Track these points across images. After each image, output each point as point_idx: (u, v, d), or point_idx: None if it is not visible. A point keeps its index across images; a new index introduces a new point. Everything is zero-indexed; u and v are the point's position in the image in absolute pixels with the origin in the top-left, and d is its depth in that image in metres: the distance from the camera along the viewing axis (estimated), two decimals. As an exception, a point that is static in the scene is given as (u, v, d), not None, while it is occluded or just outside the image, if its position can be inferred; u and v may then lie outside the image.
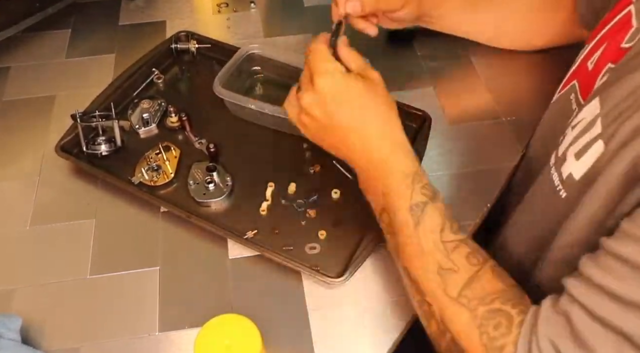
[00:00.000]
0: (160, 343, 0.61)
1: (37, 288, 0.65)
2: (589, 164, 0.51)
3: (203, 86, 0.86)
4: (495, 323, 0.49)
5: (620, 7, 0.59)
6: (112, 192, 0.73)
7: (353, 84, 0.60)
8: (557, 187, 0.56)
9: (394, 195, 0.57)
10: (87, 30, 0.97)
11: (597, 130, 0.51)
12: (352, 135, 0.60)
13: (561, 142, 0.57)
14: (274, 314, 0.63)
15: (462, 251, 0.54)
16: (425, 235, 0.55)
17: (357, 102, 0.60)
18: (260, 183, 0.73)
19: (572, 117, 0.58)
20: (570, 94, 0.63)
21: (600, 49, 0.59)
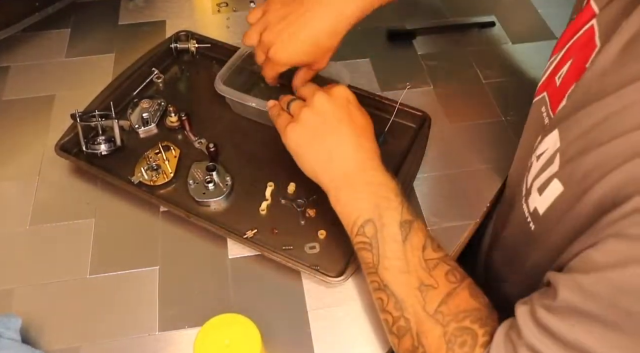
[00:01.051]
0: (160, 343, 0.61)
1: (37, 288, 0.65)
2: (549, 201, 0.52)
3: (203, 86, 0.86)
4: (462, 341, 0.51)
5: (585, 18, 0.57)
6: (112, 192, 0.73)
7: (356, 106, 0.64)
8: (527, 218, 0.57)
9: (387, 208, 0.57)
10: (86, 30, 0.97)
11: (555, 167, 0.51)
12: (353, 139, 0.60)
13: (529, 170, 0.58)
14: (273, 314, 0.63)
15: (442, 269, 0.55)
16: (411, 251, 0.55)
17: (364, 116, 0.63)
18: (260, 182, 0.73)
19: (538, 143, 0.57)
20: (542, 105, 0.62)
21: (567, 64, 0.58)
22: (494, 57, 0.93)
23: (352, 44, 0.96)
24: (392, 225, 0.56)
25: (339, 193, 0.60)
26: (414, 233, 0.56)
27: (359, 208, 0.58)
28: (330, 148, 0.61)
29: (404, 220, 0.56)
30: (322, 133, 0.61)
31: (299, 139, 0.62)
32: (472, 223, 0.71)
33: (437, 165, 0.77)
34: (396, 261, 0.55)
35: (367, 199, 0.58)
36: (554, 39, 0.96)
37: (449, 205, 0.73)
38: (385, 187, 0.58)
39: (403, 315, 0.54)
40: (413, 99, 0.83)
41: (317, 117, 0.61)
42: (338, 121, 0.61)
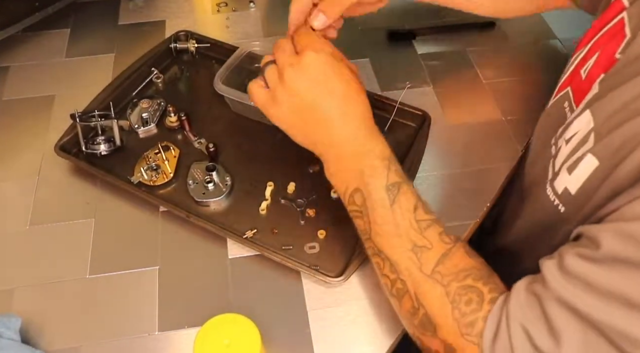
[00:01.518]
0: (160, 343, 0.61)
1: (36, 288, 0.65)
2: (582, 178, 0.51)
3: (202, 86, 0.86)
4: (467, 299, 0.51)
5: (612, 12, 0.58)
6: (112, 192, 0.73)
7: (342, 67, 0.61)
8: (554, 202, 0.56)
9: (371, 175, 0.57)
10: (86, 30, 0.97)
11: (590, 144, 0.51)
12: (333, 113, 0.59)
13: (556, 154, 0.57)
14: (273, 314, 0.63)
15: (435, 229, 0.55)
16: (401, 213, 0.55)
17: (343, 83, 0.60)
18: (260, 182, 0.73)
19: (565, 128, 0.57)
20: (564, 101, 0.63)
21: (593, 57, 0.59)
22: (494, 57, 0.93)
23: (352, 44, 0.96)
24: (378, 190, 0.56)
25: (329, 166, 0.61)
26: (402, 195, 0.56)
27: (347, 179, 0.59)
28: (313, 124, 0.60)
29: (391, 183, 0.57)
30: (301, 111, 0.60)
31: (281, 118, 0.62)
32: (472, 224, 0.71)
33: (437, 165, 0.77)
34: (386, 226, 0.56)
35: (353, 169, 0.58)
36: (554, 39, 0.97)
37: (449, 205, 0.73)
38: (370, 154, 0.58)
39: (399, 277, 0.55)
40: (413, 98, 0.83)
41: (292, 97, 0.60)
42: (313, 99, 0.59)
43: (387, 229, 0.56)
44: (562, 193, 0.55)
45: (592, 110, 0.52)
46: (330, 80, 0.60)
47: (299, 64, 0.59)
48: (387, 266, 0.56)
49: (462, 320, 0.50)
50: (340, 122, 0.59)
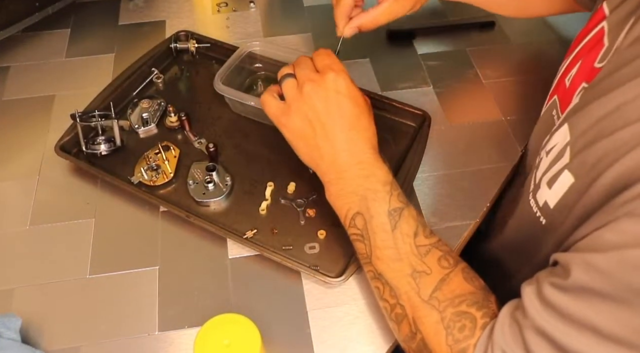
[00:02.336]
0: (160, 343, 0.61)
1: (37, 288, 0.65)
2: (560, 193, 0.52)
3: (202, 86, 0.86)
4: (461, 325, 0.51)
5: (595, 21, 0.59)
6: (112, 192, 0.73)
7: (357, 92, 0.63)
8: (536, 213, 0.57)
9: (373, 199, 0.58)
10: (86, 30, 0.97)
11: (566, 159, 0.51)
12: (340, 136, 0.60)
13: (538, 166, 0.58)
14: (273, 314, 0.63)
15: (435, 254, 0.55)
16: (402, 239, 0.56)
17: (356, 107, 0.62)
18: (260, 182, 0.73)
19: (547, 139, 0.58)
20: (552, 110, 0.63)
21: (576, 66, 0.59)
22: (494, 57, 0.93)
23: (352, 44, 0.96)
24: (380, 215, 0.57)
25: (330, 187, 0.62)
26: (403, 220, 0.56)
27: (349, 202, 0.59)
28: (320, 144, 0.61)
29: (393, 208, 0.57)
30: (312, 126, 0.61)
31: (291, 129, 0.63)
32: (472, 223, 0.71)
33: (437, 165, 0.77)
34: (387, 250, 0.56)
35: (355, 193, 0.59)
36: (554, 39, 0.97)
37: (449, 205, 0.73)
38: (373, 178, 0.59)
39: (398, 302, 0.55)
40: (413, 98, 0.83)
41: (307, 111, 0.61)
42: (326, 117, 0.61)
43: (388, 254, 0.56)
44: (543, 206, 0.56)
45: (569, 123, 0.53)
46: (345, 103, 0.61)
47: (320, 81, 0.61)
48: (387, 291, 0.56)
49: (455, 347, 0.51)
50: (346, 144, 0.60)
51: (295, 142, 0.64)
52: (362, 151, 0.60)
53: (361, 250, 0.59)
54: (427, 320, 0.53)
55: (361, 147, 0.60)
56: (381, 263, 0.56)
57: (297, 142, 0.63)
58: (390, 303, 0.56)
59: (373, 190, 0.58)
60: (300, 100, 0.61)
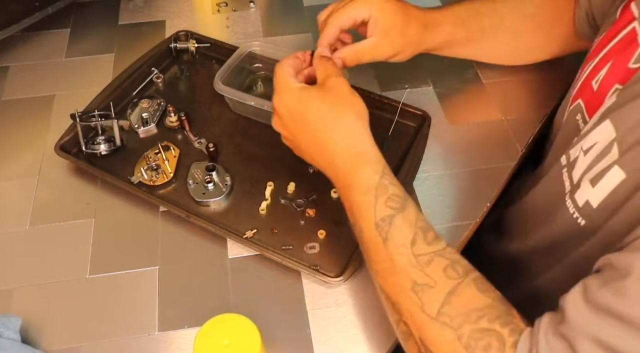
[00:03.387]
0: (160, 343, 0.61)
1: (36, 288, 0.65)
2: (607, 191, 0.49)
3: (202, 85, 0.86)
4: (485, 344, 0.46)
5: (622, 23, 0.58)
6: (112, 192, 0.73)
7: (307, 97, 0.59)
8: (573, 215, 0.54)
9: (358, 211, 0.54)
10: (86, 29, 0.97)
11: (614, 156, 0.49)
12: (316, 149, 0.59)
13: (573, 165, 0.56)
14: (273, 314, 0.63)
15: (439, 264, 0.50)
16: (396, 250, 0.51)
17: (316, 115, 0.58)
18: (260, 182, 0.73)
19: (580, 139, 0.56)
20: (577, 113, 0.62)
21: (604, 67, 0.58)
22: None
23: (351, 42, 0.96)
24: (368, 228, 0.53)
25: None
26: (395, 230, 0.52)
27: (346, 207, 0.58)
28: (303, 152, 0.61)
29: (380, 218, 0.52)
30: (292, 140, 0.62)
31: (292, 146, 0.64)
32: (472, 223, 0.71)
33: (437, 165, 0.77)
34: (382, 263, 0.52)
35: (345, 200, 0.57)
36: (554, 39, 0.96)
37: (449, 205, 0.73)
38: (353, 189, 0.55)
39: (402, 318, 0.51)
40: (413, 99, 0.83)
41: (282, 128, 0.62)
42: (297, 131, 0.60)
43: (384, 267, 0.52)
44: (583, 207, 0.53)
45: (612, 119, 0.51)
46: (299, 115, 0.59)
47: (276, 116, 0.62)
48: (389, 305, 0.53)
49: None
50: (321, 156, 0.59)
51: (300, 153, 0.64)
52: (337, 157, 0.57)
53: (365, 257, 0.56)
54: (439, 340, 0.47)
55: (334, 152, 0.57)
56: (379, 277, 0.53)
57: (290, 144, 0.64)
58: (394, 318, 0.52)
59: (356, 203, 0.54)
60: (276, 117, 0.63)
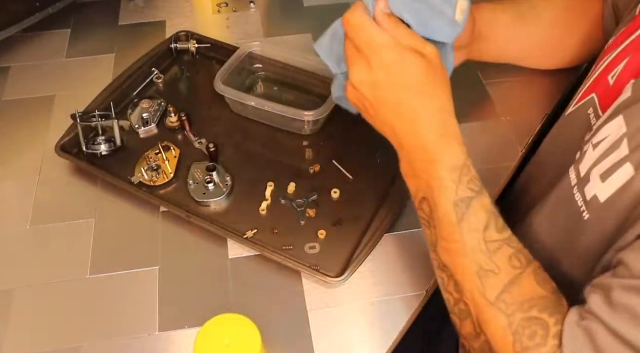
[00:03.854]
0: (160, 343, 0.61)
1: (37, 288, 0.65)
2: (615, 186, 0.50)
3: (203, 86, 0.86)
4: (531, 332, 0.48)
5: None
6: (112, 192, 0.73)
7: (410, 62, 0.54)
8: (580, 208, 0.54)
9: (438, 187, 0.53)
10: (86, 30, 0.97)
11: (624, 151, 0.49)
12: (402, 115, 0.55)
13: (581, 159, 0.55)
14: (273, 314, 0.63)
15: (505, 252, 0.51)
16: (469, 233, 0.51)
17: (413, 81, 0.54)
18: (260, 182, 0.73)
19: (592, 133, 0.56)
20: (588, 107, 0.61)
21: (622, 62, 0.58)
22: (494, 57, 0.93)
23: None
24: (444, 205, 0.52)
25: (402, 164, 0.58)
26: (472, 212, 0.51)
27: (416, 183, 0.56)
28: (388, 122, 0.56)
29: (459, 198, 0.52)
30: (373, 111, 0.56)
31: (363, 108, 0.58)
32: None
33: (437, 165, 0.77)
34: (453, 243, 0.52)
35: (420, 176, 0.54)
36: (554, 39, 0.96)
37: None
38: (438, 164, 0.53)
39: (462, 298, 0.52)
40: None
41: (363, 100, 0.56)
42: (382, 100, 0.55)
43: (454, 247, 0.52)
44: (591, 200, 0.53)
45: (624, 115, 0.51)
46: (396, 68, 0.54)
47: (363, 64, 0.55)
48: (451, 284, 0.53)
49: None
50: (407, 124, 0.55)
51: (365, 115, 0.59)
52: (427, 128, 0.54)
53: (428, 236, 0.56)
54: (493, 323, 0.49)
55: (425, 123, 0.54)
56: (446, 254, 0.53)
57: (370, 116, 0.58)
58: (454, 296, 0.53)
59: (437, 178, 0.53)
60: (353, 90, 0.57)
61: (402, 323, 0.63)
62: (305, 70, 0.83)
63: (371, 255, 0.67)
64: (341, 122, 0.80)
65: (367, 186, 0.73)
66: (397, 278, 0.66)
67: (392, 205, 0.70)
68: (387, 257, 0.67)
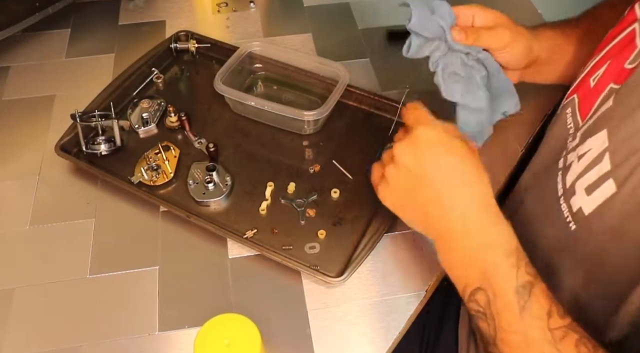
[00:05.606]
0: (160, 343, 0.61)
1: (37, 288, 0.65)
2: (598, 201, 0.49)
3: (203, 86, 0.86)
4: None
5: (625, 23, 0.58)
6: (112, 192, 0.73)
7: (456, 142, 0.55)
8: (566, 218, 0.54)
9: (496, 274, 0.50)
10: (86, 30, 0.97)
11: (606, 166, 0.49)
12: (446, 193, 0.53)
13: (567, 170, 0.55)
14: (273, 314, 0.63)
15: (571, 339, 0.47)
16: (531, 322, 0.48)
17: (458, 159, 0.54)
18: (260, 182, 0.73)
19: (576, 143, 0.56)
20: (568, 107, 0.62)
21: (603, 66, 0.58)
22: (494, 57, 0.93)
23: (352, 44, 0.96)
24: (506, 293, 0.49)
25: (444, 254, 0.55)
26: (534, 299, 0.48)
27: (467, 274, 0.52)
28: (424, 205, 0.54)
29: (521, 284, 0.49)
30: (410, 190, 0.55)
31: (390, 199, 0.57)
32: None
33: (437, 165, 0.77)
34: (514, 335, 0.49)
35: (472, 265, 0.51)
36: (554, 39, 0.96)
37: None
38: (493, 249, 0.51)
39: None
40: (413, 99, 0.82)
41: (401, 175, 0.55)
42: (422, 174, 0.54)
43: (515, 339, 0.49)
44: (577, 212, 0.52)
45: (608, 129, 0.51)
46: (441, 155, 0.54)
47: (408, 138, 0.55)
48: None
49: None
50: (454, 206, 0.53)
51: (397, 209, 0.57)
52: (475, 213, 0.52)
53: (484, 330, 0.51)
54: None
55: (473, 207, 0.52)
56: (507, 348, 0.49)
57: (399, 209, 0.57)
58: None
59: (494, 264, 0.50)
60: (392, 163, 0.55)
61: (402, 323, 0.63)
62: (305, 70, 0.83)
63: (371, 255, 0.67)
64: (341, 122, 0.80)
65: (367, 186, 0.73)
66: (397, 278, 0.66)
67: (392, 205, 0.70)
68: (387, 257, 0.67)
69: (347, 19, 0.99)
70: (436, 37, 0.65)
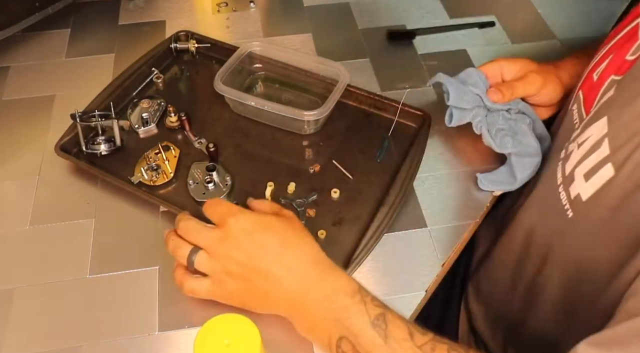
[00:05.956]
0: (160, 343, 0.61)
1: (37, 288, 0.65)
2: (597, 186, 0.50)
3: (203, 86, 0.86)
4: None
5: (629, 19, 0.59)
6: (112, 192, 0.73)
7: (269, 218, 0.57)
8: (564, 206, 0.55)
9: (349, 317, 0.52)
10: (86, 30, 0.97)
11: (605, 151, 0.50)
12: (277, 265, 0.55)
13: (567, 158, 0.56)
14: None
15: (442, 349, 0.50)
16: (400, 345, 0.50)
17: (274, 234, 0.56)
18: (260, 182, 0.73)
19: (577, 133, 0.56)
20: (574, 103, 0.62)
21: (606, 60, 0.59)
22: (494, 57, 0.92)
23: (352, 44, 0.96)
24: (365, 330, 0.51)
25: (299, 323, 0.57)
26: (392, 325, 0.51)
27: (325, 330, 0.53)
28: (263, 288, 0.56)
29: (374, 317, 0.51)
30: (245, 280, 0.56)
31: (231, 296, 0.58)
32: (472, 223, 0.71)
33: (437, 165, 0.77)
34: None
35: (325, 318, 0.53)
36: (554, 39, 0.97)
37: (449, 205, 0.73)
38: (335, 295, 0.53)
39: None
40: (413, 99, 0.83)
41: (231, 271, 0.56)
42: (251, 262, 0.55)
43: None
44: (575, 199, 0.54)
45: (608, 117, 0.51)
46: (260, 237, 0.56)
47: (223, 235, 0.56)
48: None
49: None
50: (288, 275, 0.54)
51: (245, 304, 0.58)
52: (311, 270, 0.55)
53: None
54: None
55: (307, 266, 0.55)
56: None
57: (245, 302, 0.58)
58: None
59: (343, 308, 0.52)
60: (218, 266, 0.56)
61: (402, 323, 0.62)
62: (305, 70, 0.83)
63: (371, 255, 0.67)
64: (341, 122, 0.80)
65: (367, 186, 0.73)
66: (397, 278, 0.66)
67: (392, 205, 0.70)
68: (387, 257, 0.67)
69: (347, 19, 0.99)
70: (475, 106, 0.69)
